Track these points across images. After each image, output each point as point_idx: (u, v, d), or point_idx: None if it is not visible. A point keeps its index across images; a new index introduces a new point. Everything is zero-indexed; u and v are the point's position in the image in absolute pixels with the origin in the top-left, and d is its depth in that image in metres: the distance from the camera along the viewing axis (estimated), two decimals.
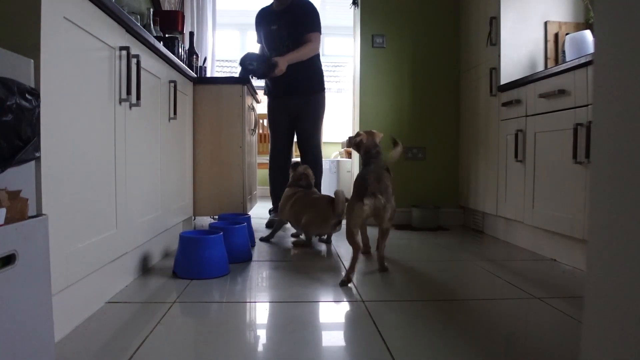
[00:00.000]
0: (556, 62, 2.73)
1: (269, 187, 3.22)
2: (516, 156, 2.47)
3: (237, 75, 2.82)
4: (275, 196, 3.13)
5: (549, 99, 2.19)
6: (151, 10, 2.52)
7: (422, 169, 3.38)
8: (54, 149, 1.13)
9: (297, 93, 3.00)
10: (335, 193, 2.36)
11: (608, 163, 0.54)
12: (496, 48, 2.74)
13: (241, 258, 2.11)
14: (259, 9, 3.15)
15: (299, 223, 2.51)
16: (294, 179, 2.67)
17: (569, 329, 1.33)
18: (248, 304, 1.57)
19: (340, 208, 2.31)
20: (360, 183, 1.90)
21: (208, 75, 3.85)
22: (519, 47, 2.74)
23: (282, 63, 2.79)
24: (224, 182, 2.73)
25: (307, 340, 1.25)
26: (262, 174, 5.38)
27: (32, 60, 0.98)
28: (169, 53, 2.06)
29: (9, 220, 0.85)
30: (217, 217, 2.75)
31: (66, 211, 1.20)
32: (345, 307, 1.55)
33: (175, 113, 2.19)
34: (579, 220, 1.95)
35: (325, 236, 2.62)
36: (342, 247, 2.51)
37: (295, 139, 3.16)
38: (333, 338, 1.28)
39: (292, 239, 2.67)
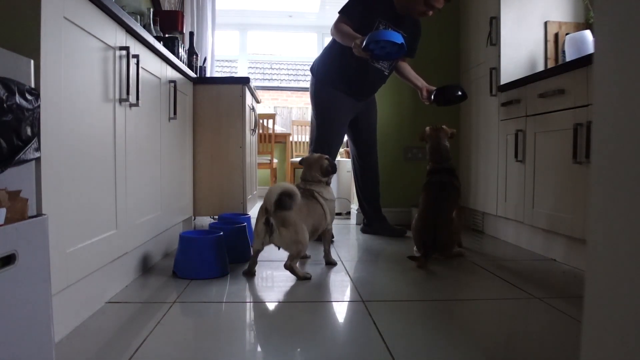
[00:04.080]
0: (556, 62, 2.73)
1: None
2: (516, 156, 2.47)
3: (237, 75, 2.78)
4: None
5: (548, 99, 2.18)
6: (151, 10, 2.52)
7: (422, 169, 3.36)
8: (54, 149, 1.13)
9: (369, 97, 2.86)
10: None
11: (608, 163, 0.54)
12: (496, 48, 2.74)
13: (241, 258, 2.11)
14: None
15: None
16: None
17: (569, 329, 1.32)
18: (248, 304, 1.57)
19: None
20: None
21: (208, 75, 3.85)
22: (519, 47, 2.73)
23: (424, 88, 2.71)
24: (224, 182, 2.73)
25: (307, 340, 1.25)
26: (262, 174, 5.38)
27: (32, 60, 0.98)
28: (169, 53, 2.06)
29: (9, 220, 0.85)
30: (217, 217, 2.75)
31: (66, 211, 1.20)
32: (345, 307, 1.55)
33: (175, 113, 2.19)
34: (579, 220, 1.94)
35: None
36: (342, 249, 2.51)
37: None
38: (333, 338, 1.28)
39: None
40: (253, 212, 3.43)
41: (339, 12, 2.60)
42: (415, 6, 2.53)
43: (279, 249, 1.89)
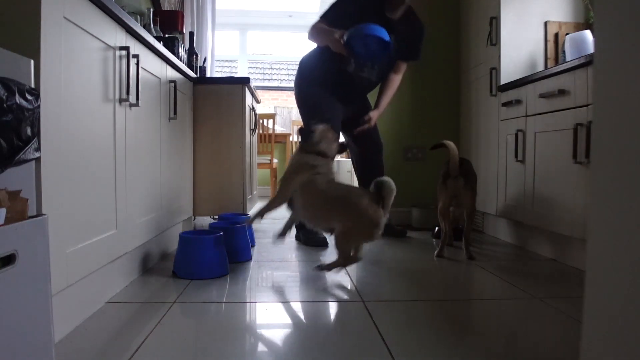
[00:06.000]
0: (556, 62, 2.73)
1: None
2: (516, 156, 2.47)
3: (237, 75, 2.75)
4: None
5: (549, 99, 2.18)
6: (151, 10, 2.52)
7: (422, 169, 3.38)
8: (54, 149, 1.13)
9: (358, 103, 2.71)
10: (379, 183, 1.83)
11: (608, 163, 0.54)
12: (496, 48, 2.74)
13: (241, 258, 2.11)
14: None
15: (326, 222, 1.86)
16: (311, 142, 1.93)
17: (569, 329, 1.33)
18: (248, 304, 1.57)
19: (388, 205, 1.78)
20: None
21: (208, 75, 3.85)
22: (519, 47, 2.73)
23: (374, 116, 2.58)
24: (224, 182, 2.73)
25: (307, 340, 1.25)
26: (262, 174, 5.38)
27: (32, 60, 0.98)
28: (169, 53, 2.06)
29: (9, 220, 0.85)
30: (217, 217, 2.75)
31: (66, 211, 1.20)
32: (345, 307, 1.55)
33: (175, 113, 2.19)
34: (579, 220, 1.94)
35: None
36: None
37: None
38: (333, 338, 1.28)
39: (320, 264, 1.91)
40: (253, 212, 3.43)
41: (319, 17, 2.42)
42: None
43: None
